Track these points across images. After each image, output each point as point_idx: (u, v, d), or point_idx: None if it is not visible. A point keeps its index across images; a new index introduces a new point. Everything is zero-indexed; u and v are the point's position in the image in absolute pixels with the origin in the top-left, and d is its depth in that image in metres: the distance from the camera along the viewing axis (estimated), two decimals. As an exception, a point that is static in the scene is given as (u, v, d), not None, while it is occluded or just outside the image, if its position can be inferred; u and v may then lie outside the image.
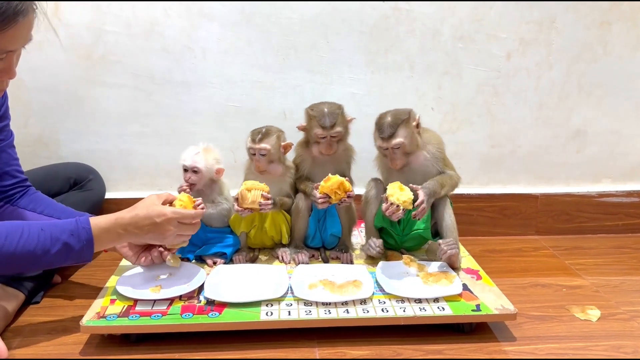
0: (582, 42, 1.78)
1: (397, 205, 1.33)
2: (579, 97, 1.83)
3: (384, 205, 1.35)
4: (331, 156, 1.46)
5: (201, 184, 1.44)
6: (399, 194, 1.33)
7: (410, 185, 1.36)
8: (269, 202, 1.40)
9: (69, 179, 1.62)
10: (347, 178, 1.41)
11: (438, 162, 1.43)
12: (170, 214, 1.22)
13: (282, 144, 1.46)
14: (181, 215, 1.23)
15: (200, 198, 1.37)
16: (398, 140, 1.37)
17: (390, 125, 1.37)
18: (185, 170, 1.43)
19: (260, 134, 1.43)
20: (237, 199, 1.40)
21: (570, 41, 1.77)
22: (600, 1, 1.73)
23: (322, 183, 1.39)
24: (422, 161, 1.42)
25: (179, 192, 1.39)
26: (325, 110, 1.41)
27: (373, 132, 1.43)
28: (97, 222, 1.18)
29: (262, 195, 1.38)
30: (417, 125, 1.40)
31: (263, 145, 1.42)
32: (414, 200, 1.35)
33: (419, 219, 1.39)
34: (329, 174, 1.39)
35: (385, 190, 1.38)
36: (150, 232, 1.21)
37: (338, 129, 1.41)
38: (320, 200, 1.39)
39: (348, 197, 1.40)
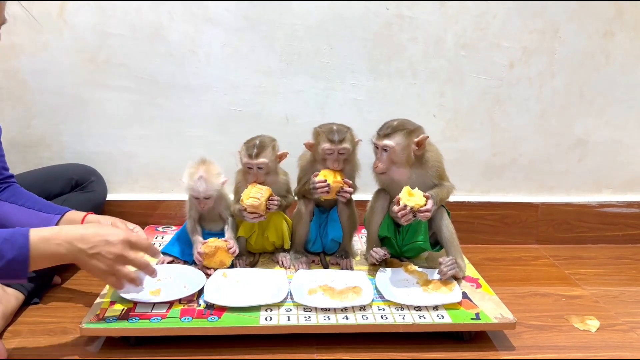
0: (584, 52, 1.78)
1: (411, 208, 1.31)
2: (581, 106, 1.83)
3: (396, 208, 1.33)
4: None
5: (213, 203, 1.44)
6: (409, 198, 1.32)
7: (424, 195, 1.34)
8: (276, 201, 1.41)
9: (71, 180, 1.62)
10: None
11: (433, 178, 1.41)
12: (125, 235, 1.09)
13: (277, 154, 1.45)
14: (136, 239, 1.11)
15: (233, 242, 1.41)
16: (389, 142, 1.35)
17: (390, 127, 1.37)
18: (197, 198, 1.40)
19: (256, 148, 1.39)
20: (248, 211, 1.39)
21: (573, 51, 1.78)
22: (605, 0, 1.74)
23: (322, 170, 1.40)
24: (405, 178, 1.38)
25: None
26: (334, 127, 1.41)
27: None
28: (39, 231, 1.03)
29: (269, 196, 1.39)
30: (418, 144, 1.36)
31: (261, 160, 1.39)
32: None
33: (422, 219, 1.36)
34: None
35: (392, 200, 1.39)
36: (96, 250, 1.05)
37: (345, 145, 1.40)
38: (318, 184, 1.37)
39: (349, 187, 1.40)
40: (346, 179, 1.41)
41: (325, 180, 1.38)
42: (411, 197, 1.31)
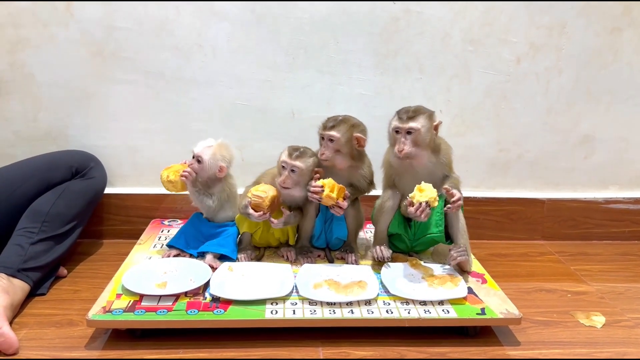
0: (592, 48, 1.77)
1: (426, 203, 1.31)
2: (588, 103, 1.83)
3: (411, 209, 1.33)
4: (341, 170, 1.44)
5: (203, 175, 1.46)
6: (421, 194, 1.32)
7: (444, 187, 1.35)
8: (281, 220, 1.42)
9: (71, 168, 1.60)
10: (349, 190, 1.41)
11: (444, 167, 1.42)
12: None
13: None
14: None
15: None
16: (415, 124, 1.34)
17: (412, 110, 1.36)
18: (193, 156, 1.45)
19: (298, 151, 1.40)
20: (255, 207, 1.39)
21: (580, 47, 1.77)
22: (612, 1, 1.73)
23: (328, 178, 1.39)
24: (425, 162, 1.40)
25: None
26: (338, 117, 1.41)
27: (390, 120, 1.40)
28: None
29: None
30: (436, 128, 1.39)
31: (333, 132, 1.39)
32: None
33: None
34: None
35: (401, 201, 1.40)
36: None
37: (334, 132, 1.39)
38: (312, 188, 1.37)
39: (339, 206, 1.39)
40: (340, 202, 1.37)
41: (322, 187, 1.36)
42: (423, 193, 1.32)
